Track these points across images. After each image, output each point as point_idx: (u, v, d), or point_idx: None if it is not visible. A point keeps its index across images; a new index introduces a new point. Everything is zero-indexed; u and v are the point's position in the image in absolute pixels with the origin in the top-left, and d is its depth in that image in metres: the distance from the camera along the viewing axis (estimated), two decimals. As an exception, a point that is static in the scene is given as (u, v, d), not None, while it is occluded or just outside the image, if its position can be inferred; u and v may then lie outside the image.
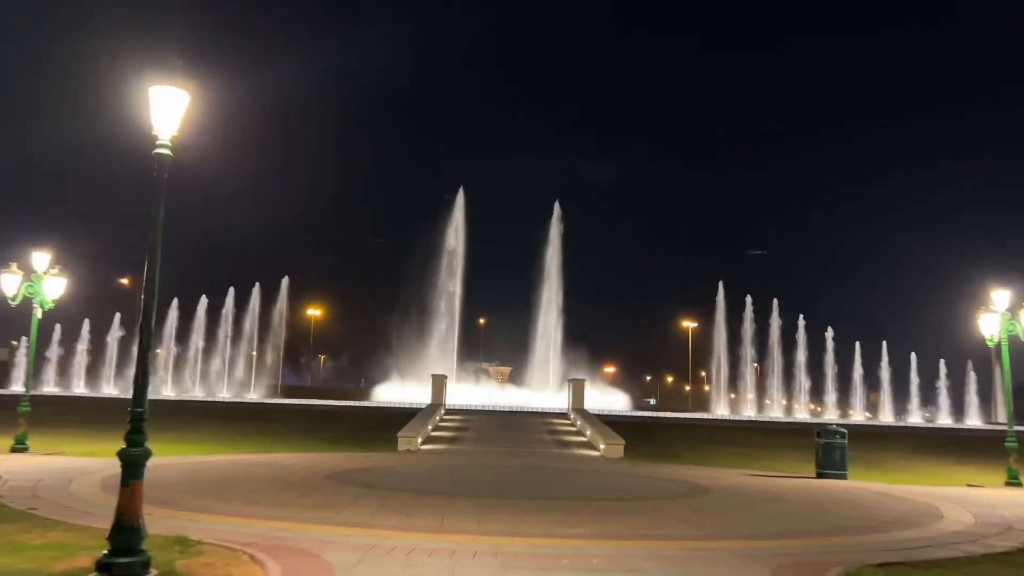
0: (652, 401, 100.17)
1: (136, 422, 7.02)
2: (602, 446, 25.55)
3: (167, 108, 7.34)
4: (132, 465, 6.87)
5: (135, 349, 7.46)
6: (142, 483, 6.87)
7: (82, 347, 68.80)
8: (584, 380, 39.39)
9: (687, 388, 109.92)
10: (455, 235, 61.21)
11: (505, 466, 19.59)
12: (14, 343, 71.60)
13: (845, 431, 19.90)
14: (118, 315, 69.15)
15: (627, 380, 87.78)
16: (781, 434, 37.84)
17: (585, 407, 36.69)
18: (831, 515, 12.31)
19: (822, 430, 20.16)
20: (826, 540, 9.96)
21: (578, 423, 32.91)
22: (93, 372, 68.55)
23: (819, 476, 19.65)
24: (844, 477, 19.44)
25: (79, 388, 65.80)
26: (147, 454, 6.97)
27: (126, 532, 6.69)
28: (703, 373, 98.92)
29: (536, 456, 23.41)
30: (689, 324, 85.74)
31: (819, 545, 9.58)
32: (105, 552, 6.66)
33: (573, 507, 12.14)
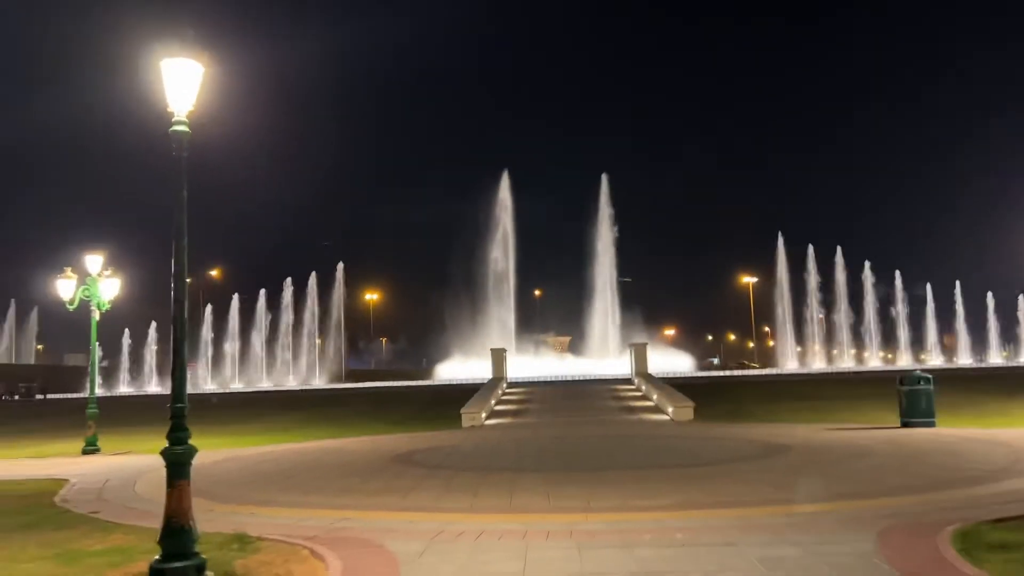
0: (715, 360, 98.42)
1: (177, 419, 6.59)
2: (670, 409, 24.81)
3: (181, 81, 6.82)
4: (177, 464, 6.47)
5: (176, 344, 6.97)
6: (189, 482, 6.46)
7: (153, 347, 70.82)
8: (646, 344, 38.52)
9: (750, 345, 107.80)
10: (503, 211, 60.90)
11: (572, 436, 19.04)
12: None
13: (930, 376, 18.75)
14: (154, 323, 70.78)
15: (688, 341, 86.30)
16: (855, 384, 36.45)
17: (649, 371, 35.91)
18: (929, 467, 11.40)
19: (905, 377, 19.04)
20: (930, 496, 9.11)
21: (643, 387, 32.17)
22: (165, 371, 70.54)
23: (904, 426, 18.58)
24: (932, 425, 18.34)
25: (152, 387, 67.73)
26: (191, 452, 6.55)
27: (177, 535, 6.30)
28: (766, 329, 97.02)
29: (603, 424, 22.81)
30: (749, 279, 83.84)
31: (923, 502, 8.74)
32: (157, 557, 6.30)
33: (647, 475, 11.50)
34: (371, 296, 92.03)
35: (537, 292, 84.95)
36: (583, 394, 32.23)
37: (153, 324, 70.14)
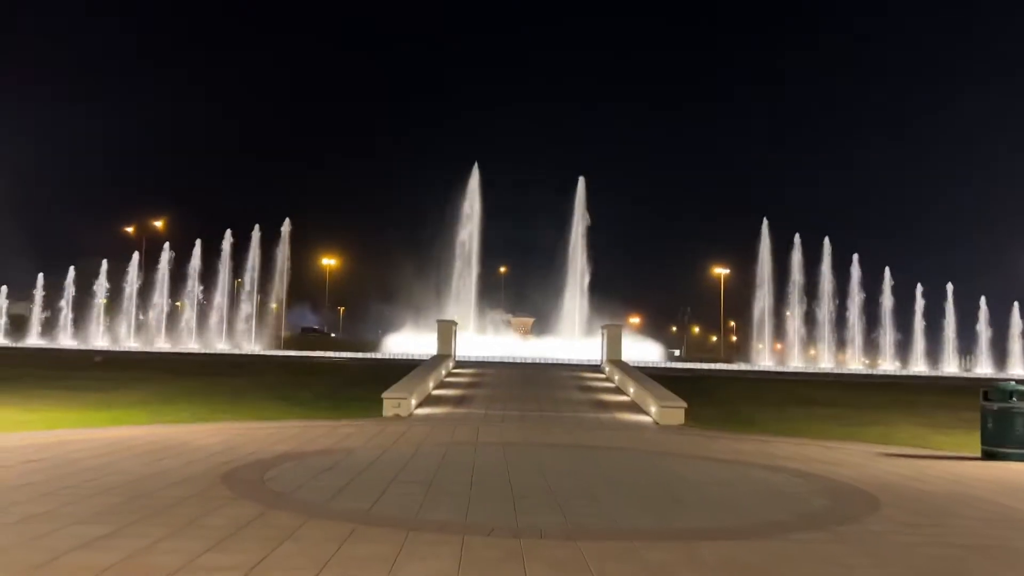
0: (676, 352, 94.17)
1: None
2: (653, 409, 19.29)
3: None
4: None
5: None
6: None
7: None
8: (621, 326, 33.09)
9: (713, 338, 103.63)
10: (474, 179, 55.78)
11: (525, 445, 13.38)
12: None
13: (1031, 391, 13.40)
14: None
15: (652, 331, 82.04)
16: (862, 389, 31.36)
17: (623, 358, 30.50)
18: None
19: (993, 389, 13.68)
20: None
21: (616, 378, 26.69)
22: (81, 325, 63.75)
23: (987, 456, 13.30)
24: (1030, 459, 13.06)
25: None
26: None
27: None
28: (731, 323, 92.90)
29: (566, 425, 17.20)
30: (721, 271, 79.58)
31: None
32: None
33: (658, 560, 5.85)
34: (328, 261, 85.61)
35: (502, 269, 79.78)
36: (545, 381, 26.63)
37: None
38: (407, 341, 50.47)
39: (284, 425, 15.18)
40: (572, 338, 52.34)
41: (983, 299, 63.54)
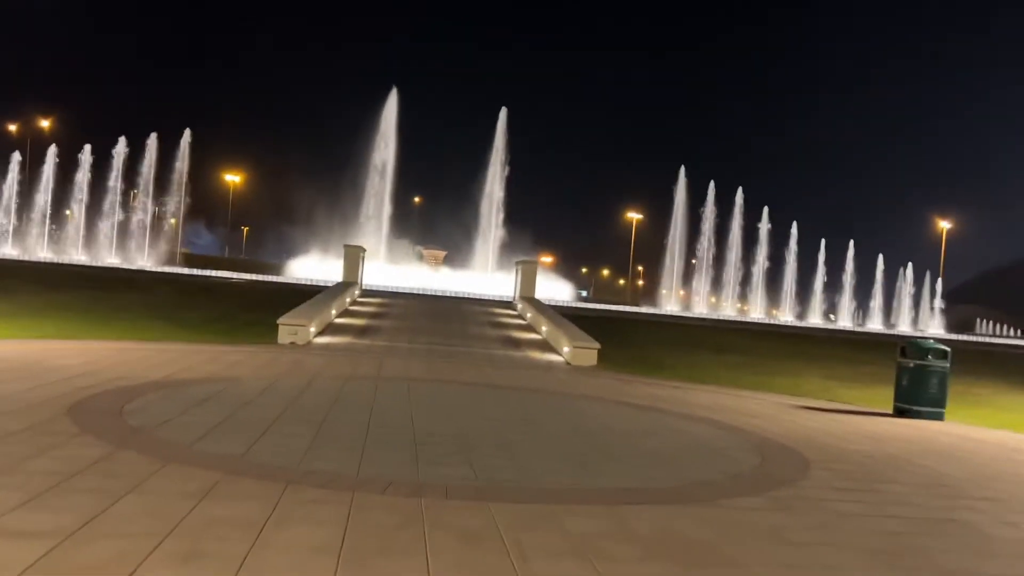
0: (584, 293, 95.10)
1: None
2: (566, 349, 18.64)
3: None
4: None
5: None
6: None
7: None
8: (536, 262, 32.29)
9: (621, 282, 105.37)
10: (392, 103, 53.29)
11: (431, 382, 12.38)
12: None
13: (947, 350, 13.29)
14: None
15: (563, 271, 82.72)
16: (766, 338, 31.82)
17: (536, 296, 29.79)
18: None
19: (910, 346, 13.50)
20: None
21: (528, 315, 25.98)
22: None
23: (899, 413, 13.21)
24: (941, 417, 13.01)
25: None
26: None
27: None
28: (639, 268, 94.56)
29: (476, 362, 16.30)
30: (634, 216, 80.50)
31: None
32: None
33: (583, 530, 4.99)
34: (231, 177, 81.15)
35: (417, 199, 77.95)
36: (455, 315, 25.66)
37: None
38: (313, 266, 48.58)
39: (163, 348, 13.65)
40: (485, 273, 51.58)
41: (880, 257, 66.22)
